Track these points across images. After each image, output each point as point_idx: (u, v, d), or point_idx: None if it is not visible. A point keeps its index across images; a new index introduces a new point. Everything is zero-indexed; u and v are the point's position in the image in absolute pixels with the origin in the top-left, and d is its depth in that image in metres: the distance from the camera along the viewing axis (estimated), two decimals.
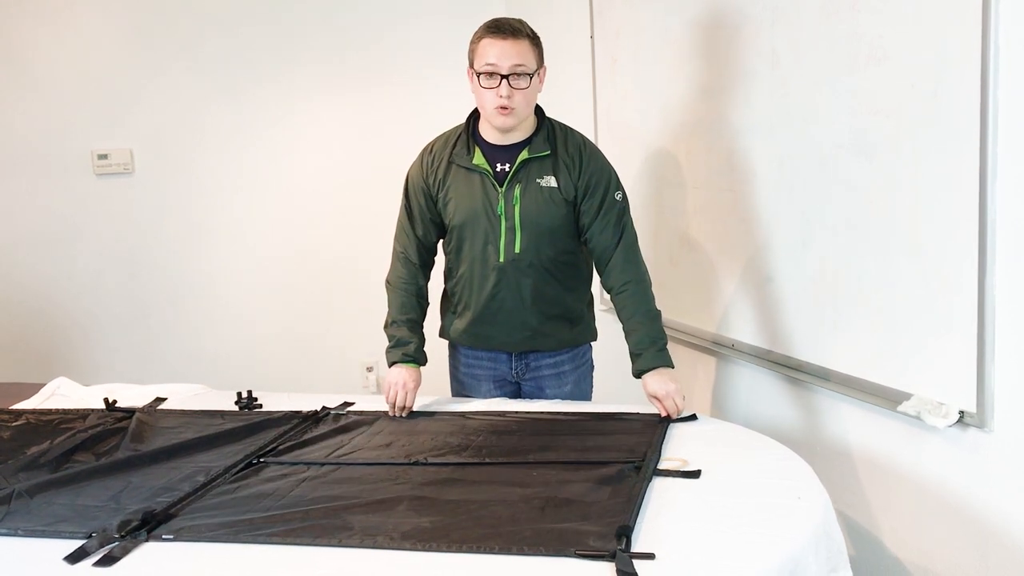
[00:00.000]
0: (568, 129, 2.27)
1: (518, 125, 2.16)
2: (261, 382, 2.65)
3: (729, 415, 2.61)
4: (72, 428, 2.13)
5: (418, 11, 3.94)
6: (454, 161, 2.22)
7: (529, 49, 2.10)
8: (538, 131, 2.21)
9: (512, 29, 2.10)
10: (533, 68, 2.11)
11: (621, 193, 2.24)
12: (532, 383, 2.35)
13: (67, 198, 3.68)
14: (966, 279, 1.75)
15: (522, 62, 2.08)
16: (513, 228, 2.18)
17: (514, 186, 2.17)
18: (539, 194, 2.17)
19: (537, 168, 2.18)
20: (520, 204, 2.17)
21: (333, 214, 3.93)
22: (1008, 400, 1.73)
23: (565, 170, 2.19)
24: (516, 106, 2.10)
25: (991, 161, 1.68)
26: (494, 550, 1.40)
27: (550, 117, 2.26)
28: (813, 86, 2.12)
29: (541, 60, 2.16)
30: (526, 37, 2.11)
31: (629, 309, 2.20)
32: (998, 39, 1.64)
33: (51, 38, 3.61)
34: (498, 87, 2.08)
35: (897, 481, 2.03)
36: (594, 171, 2.20)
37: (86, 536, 1.51)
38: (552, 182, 2.18)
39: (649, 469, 1.69)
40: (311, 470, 1.80)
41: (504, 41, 2.08)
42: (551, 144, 2.20)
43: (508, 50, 2.08)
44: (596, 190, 2.19)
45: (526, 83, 2.10)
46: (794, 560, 1.39)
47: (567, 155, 2.20)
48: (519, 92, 2.09)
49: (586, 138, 2.28)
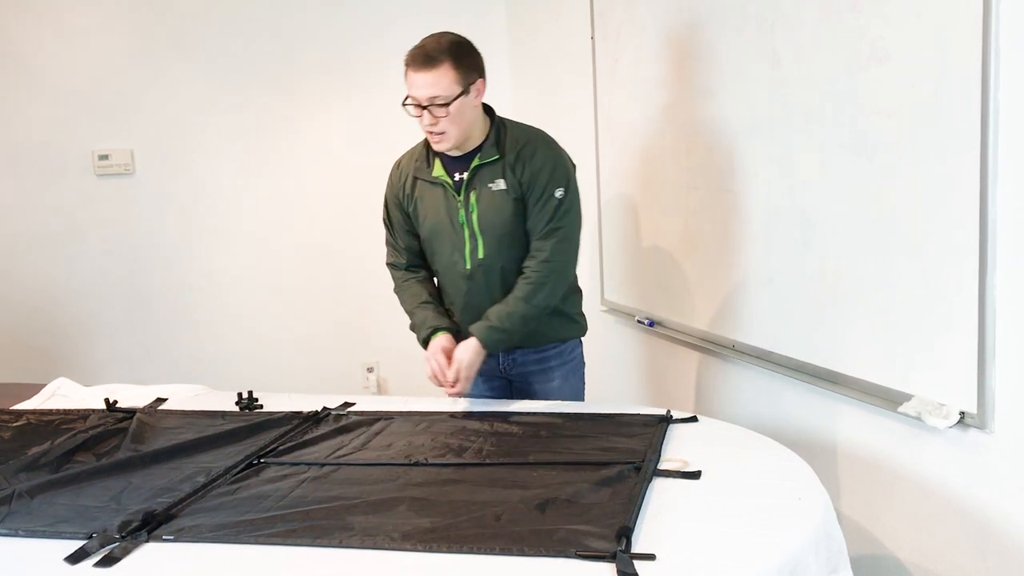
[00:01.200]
0: (517, 128, 2.26)
1: (458, 145, 2.18)
2: (262, 382, 2.65)
3: (729, 416, 2.61)
4: (73, 428, 2.14)
5: (418, 13, 3.94)
6: (417, 175, 2.26)
7: (448, 74, 2.07)
8: (488, 137, 2.21)
9: (426, 58, 2.07)
10: (453, 93, 2.08)
11: (563, 190, 2.19)
12: (520, 378, 2.37)
13: (68, 198, 3.69)
14: (967, 279, 1.75)
15: (438, 92, 2.07)
16: (474, 235, 2.21)
17: (469, 193, 2.20)
18: (492, 199, 2.20)
19: (488, 173, 2.20)
20: (476, 211, 2.20)
21: (334, 214, 3.93)
22: (1009, 401, 1.73)
23: (511, 170, 2.19)
24: (445, 130, 2.12)
25: (992, 161, 1.68)
26: (494, 551, 1.40)
27: (501, 117, 2.26)
28: (814, 86, 2.12)
29: (468, 77, 2.11)
30: (445, 62, 2.07)
31: (511, 293, 2.20)
32: (999, 40, 1.64)
33: (52, 39, 3.61)
34: (422, 117, 2.10)
35: (898, 482, 2.03)
36: (535, 167, 2.18)
37: (87, 536, 1.51)
38: (501, 184, 2.19)
39: (649, 470, 1.68)
40: (312, 471, 1.80)
41: (418, 73, 2.07)
42: (499, 148, 2.20)
43: (424, 81, 2.07)
44: (534, 185, 2.18)
45: (445, 112, 2.08)
46: (794, 560, 1.39)
47: (513, 155, 2.20)
48: (443, 119, 2.09)
49: (535, 134, 2.26)
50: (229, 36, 3.77)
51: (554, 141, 2.29)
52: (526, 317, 2.19)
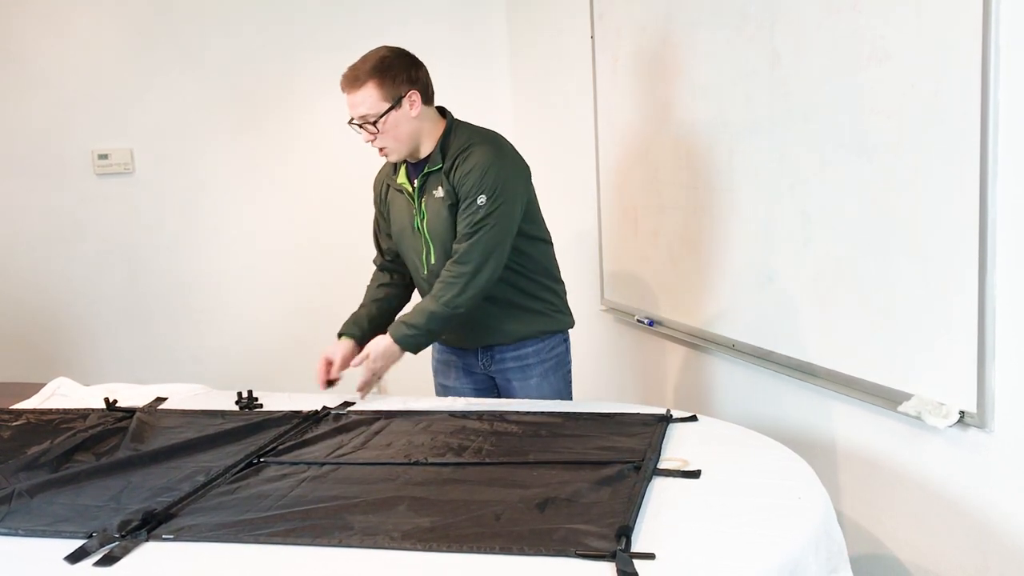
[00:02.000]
0: (465, 132, 2.24)
1: (407, 156, 2.23)
2: (262, 382, 2.65)
3: (729, 415, 2.61)
4: (72, 428, 2.13)
5: (418, 13, 3.95)
6: (388, 182, 2.35)
7: (372, 92, 2.11)
8: (437, 143, 2.22)
9: (350, 80, 2.13)
10: (380, 110, 2.12)
11: (485, 197, 2.14)
12: (500, 375, 2.39)
13: (68, 198, 3.68)
14: (967, 279, 1.75)
15: (365, 111, 2.13)
16: (427, 242, 2.26)
17: (421, 201, 2.25)
18: (435, 206, 2.22)
19: (434, 180, 2.22)
20: (426, 218, 2.24)
21: (334, 213, 3.93)
22: (1008, 400, 1.73)
23: (446, 177, 2.20)
24: (386, 145, 2.18)
25: (992, 161, 1.68)
26: (494, 550, 1.40)
27: (457, 121, 2.26)
28: (814, 86, 2.12)
29: (396, 91, 2.13)
30: (368, 81, 2.11)
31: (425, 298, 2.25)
32: (999, 39, 1.64)
33: (52, 38, 3.61)
34: (362, 134, 2.18)
35: (898, 481, 2.03)
36: (463, 172, 2.17)
37: (86, 536, 1.51)
38: (441, 192, 2.21)
39: (649, 469, 1.68)
40: (311, 470, 1.80)
41: (347, 94, 2.15)
42: (443, 155, 2.21)
43: (351, 101, 2.14)
44: (461, 189, 2.18)
45: (375, 129, 2.14)
46: (794, 560, 1.39)
47: (450, 162, 2.20)
48: (379, 136, 2.16)
49: (480, 138, 2.22)
50: (229, 36, 3.77)
51: (499, 146, 2.23)
52: (436, 315, 2.18)
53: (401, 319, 2.24)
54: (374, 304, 2.45)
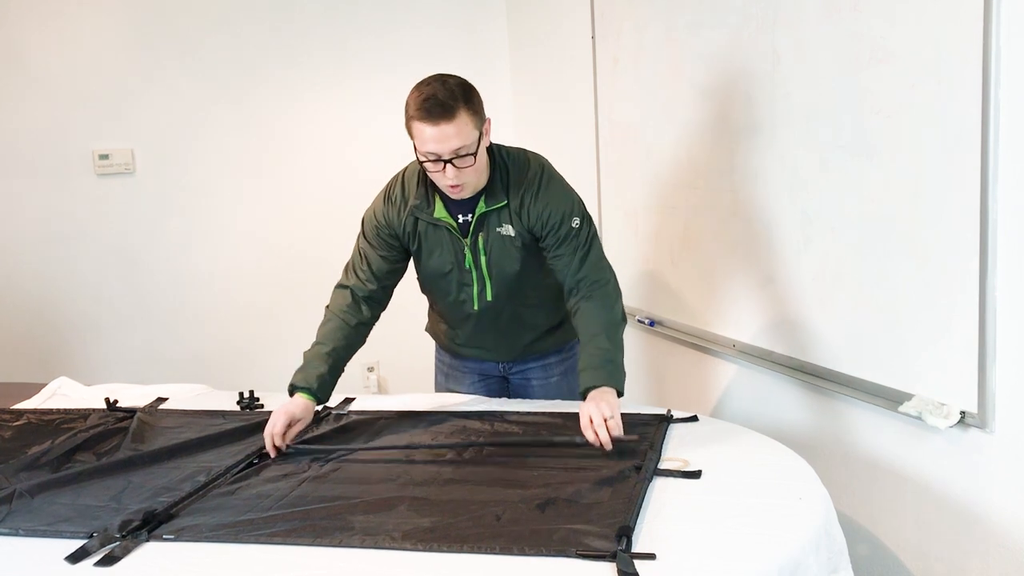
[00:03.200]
0: (519, 165, 2.10)
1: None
2: (263, 382, 2.65)
3: (730, 416, 2.61)
4: (73, 428, 2.14)
5: (419, 14, 3.95)
6: (417, 216, 2.09)
7: (467, 122, 1.89)
8: (492, 178, 2.06)
9: (443, 108, 1.87)
10: (474, 142, 1.92)
11: (578, 219, 2.07)
12: (519, 375, 2.37)
13: (68, 198, 3.68)
14: (967, 279, 1.75)
15: (462, 143, 1.89)
16: (483, 278, 2.12)
17: (477, 237, 2.08)
18: (500, 243, 2.08)
19: (496, 217, 2.07)
20: (485, 254, 2.09)
21: (334, 214, 3.92)
22: (1009, 400, 1.73)
23: (517, 217, 2.07)
24: (466, 180, 1.96)
25: (992, 161, 1.68)
26: (495, 550, 1.40)
27: (500, 151, 2.10)
28: (814, 86, 2.12)
29: (481, 119, 1.95)
30: (461, 109, 1.88)
31: (586, 321, 2.02)
32: (999, 39, 1.64)
33: (53, 38, 3.61)
34: (444, 170, 1.92)
35: (898, 481, 2.03)
36: (541, 212, 2.05)
37: (87, 536, 1.51)
38: (510, 230, 2.07)
39: (650, 469, 1.69)
40: (312, 470, 1.81)
41: (437, 127, 1.87)
42: (505, 192, 2.06)
43: (445, 134, 1.88)
44: (548, 226, 2.06)
45: (470, 161, 1.93)
46: (795, 561, 1.39)
47: (518, 201, 2.06)
48: (466, 169, 1.94)
49: (537, 171, 2.10)
50: (230, 37, 3.77)
51: (552, 175, 2.13)
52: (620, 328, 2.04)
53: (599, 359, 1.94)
54: (344, 350, 2.11)
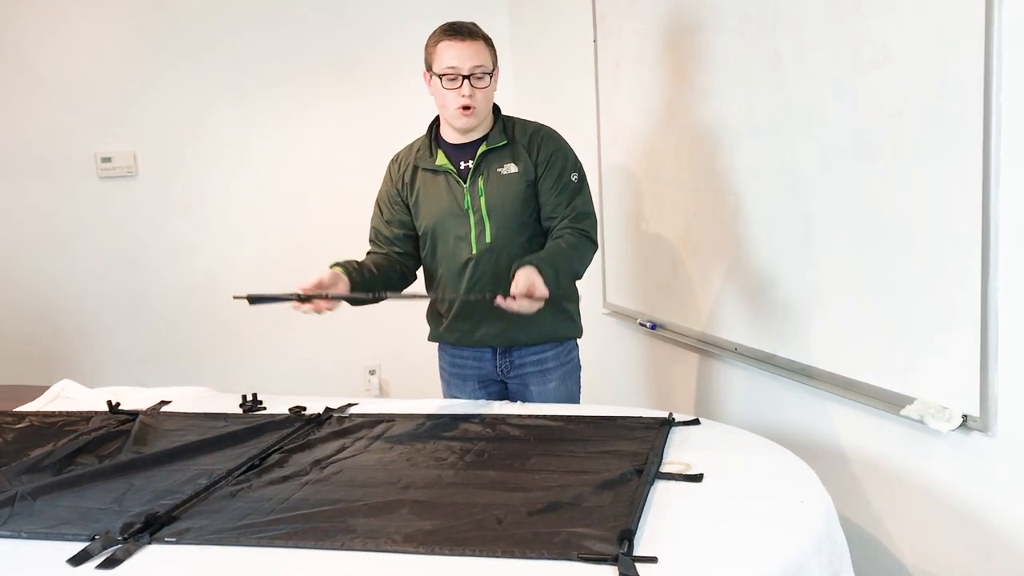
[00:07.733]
0: (523, 120, 2.36)
1: (479, 124, 2.25)
2: (264, 384, 2.65)
3: (731, 418, 2.61)
4: (75, 431, 2.14)
5: (420, 14, 3.94)
6: (419, 165, 2.32)
7: (485, 50, 2.21)
8: (495, 126, 2.29)
9: (469, 31, 2.20)
10: (491, 67, 2.22)
11: (578, 175, 2.30)
12: (517, 380, 2.37)
13: (71, 200, 3.69)
14: (969, 282, 1.75)
15: (481, 62, 2.18)
16: (482, 220, 2.26)
17: (477, 179, 2.26)
18: (500, 182, 2.26)
19: (497, 158, 2.27)
20: (484, 195, 2.25)
21: (335, 216, 3.92)
22: (1011, 404, 1.72)
23: (524, 153, 2.27)
24: (477, 105, 2.20)
25: (994, 163, 1.68)
26: (496, 553, 1.40)
27: (505, 114, 2.35)
28: (816, 88, 2.12)
29: (496, 61, 2.25)
30: (482, 39, 2.21)
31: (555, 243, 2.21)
32: (1001, 41, 1.64)
33: (55, 40, 3.62)
34: (460, 87, 2.17)
35: (900, 485, 2.02)
36: (551, 151, 2.28)
37: (89, 538, 1.51)
38: (512, 168, 2.26)
39: (651, 473, 1.68)
40: (313, 473, 1.81)
41: (463, 43, 2.18)
42: (507, 135, 2.29)
43: (467, 51, 2.18)
44: (552, 167, 2.26)
45: (486, 83, 2.20)
46: (797, 564, 1.39)
47: (524, 140, 2.29)
48: (480, 91, 2.19)
49: (543, 125, 2.36)
50: (231, 38, 3.78)
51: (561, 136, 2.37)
52: (563, 255, 2.17)
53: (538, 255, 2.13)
54: (383, 259, 2.34)
